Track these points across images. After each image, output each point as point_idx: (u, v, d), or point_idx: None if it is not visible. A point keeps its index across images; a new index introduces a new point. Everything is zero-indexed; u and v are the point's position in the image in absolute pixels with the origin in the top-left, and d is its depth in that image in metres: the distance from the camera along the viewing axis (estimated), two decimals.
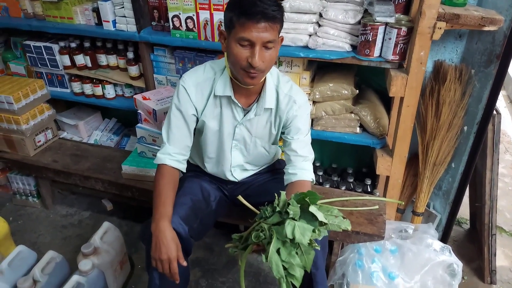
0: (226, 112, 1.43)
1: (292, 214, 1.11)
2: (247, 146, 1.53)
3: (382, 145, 1.91)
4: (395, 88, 1.64)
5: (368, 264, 1.75)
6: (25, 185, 2.36)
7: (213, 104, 1.42)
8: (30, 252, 1.73)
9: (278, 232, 1.11)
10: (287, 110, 1.43)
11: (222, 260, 2.05)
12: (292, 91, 1.43)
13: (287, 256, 1.09)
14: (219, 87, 1.38)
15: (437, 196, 2.10)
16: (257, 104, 1.41)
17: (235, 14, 1.18)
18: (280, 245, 1.10)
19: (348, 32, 1.72)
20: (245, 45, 1.21)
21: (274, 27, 1.20)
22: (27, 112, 2.13)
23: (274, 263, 1.09)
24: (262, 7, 1.15)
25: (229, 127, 1.45)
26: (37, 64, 2.31)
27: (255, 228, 1.20)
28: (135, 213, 2.34)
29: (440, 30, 1.48)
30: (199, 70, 1.42)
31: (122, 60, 2.21)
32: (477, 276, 2.00)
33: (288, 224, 1.09)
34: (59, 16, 2.13)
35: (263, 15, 1.15)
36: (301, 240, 1.07)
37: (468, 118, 1.80)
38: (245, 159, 1.58)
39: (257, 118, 1.45)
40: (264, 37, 1.18)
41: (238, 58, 1.23)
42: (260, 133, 1.50)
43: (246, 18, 1.16)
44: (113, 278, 1.78)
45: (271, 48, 1.23)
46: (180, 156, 1.44)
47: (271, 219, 1.16)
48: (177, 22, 1.88)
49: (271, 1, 1.17)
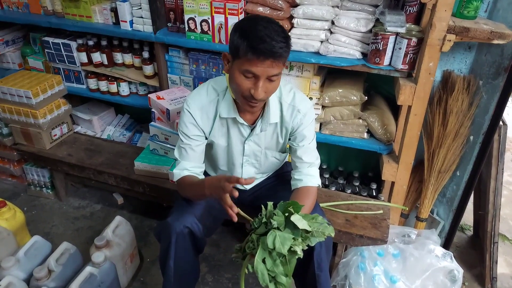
0: (233, 130, 1.45)
1: (275, 224, 1.15)
2: (258, 159, 1.56)
3: (388, 151, 1.95)
4: (403, 97, 1.68)
5: (371, 267, 1.79)
6: (39, 177, 2.43)
7: (219, 124, 1.44)
8: (45, 242, 1.80)
9: (263, 242, 1.15)
10: (292, 120, 1.44)
11: (228, 256, 2.11)
12: (295, 100, 1.42)
13: (272, 265, 1.13)
14: (223, 109, 1.39)
15: (441, 203, 2.14)
16: (261, 120, 1.42)
17: (242, 45, 1.15)
18: (266, 254, 1.14)
19: (359, 40, 1.76)
20: (249, 77, 1.20)
21: (280, 63, 1.19)
22: (45, 107, 2.20)
23: (259, 272, 1.13)
24: (270, 45, 1.13)
25: (237, 144, 1.48)
26: (55, 60, 2.37)
27: (249, 239, 1.25)
28: (145, 207, 2.41)
29: (449, 42, 1.51)
30: (202, 93, 1.42)
31: (137, 59, 2.26)
32: (478, 283, 2.03)
33: (270, 235, 1.13)
34: (78, 14, 2.20)
35: (271, 53, 1.14)
36: (281, 249, 1.11)
37: (474, 128, 1.83)
38: (257, 171, 1.62)
39: (264, 132, 1.46)
40: (269, 72, 1.18)
41: (240, 87, 1.22)
42: (268, 144, 1.52)
43: (253, 55, 1.14)
44: (123, 271, 1.84)
45: (275, 80, 1.23)
46: (197, 169, 1.47)
47: (259, 229, 1.20)
48: (193, 25, 1.93)
49: (279, 36, 1.15)
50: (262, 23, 1.17)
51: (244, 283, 1.29)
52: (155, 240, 1.51)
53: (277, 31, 1.16)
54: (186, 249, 1.39)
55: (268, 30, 1.14)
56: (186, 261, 1.41)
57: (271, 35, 1.13)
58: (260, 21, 1.18)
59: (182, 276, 1.43)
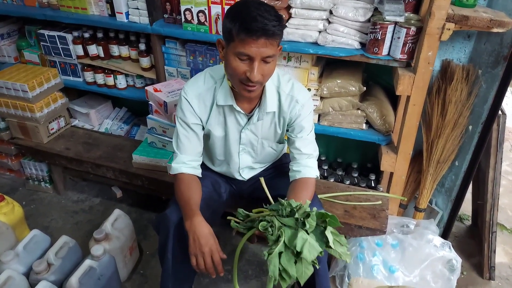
0: (230, 119, 1.44)
1: (307, 227, 1.13)
2: (254, 148, 1.55)
3: (387, 142, 1.95)
4: (402, 87, 1.67)
5: (369, 257, 1.80)
6: (37, 171, 2.43)
7: (216, 113, 1.43)
8: (44, 236, 1.80)
9: (288, 238, 1.12)
10: (290, 110, 1.43)
11: (227, 249, 2.11)
12: (294, 90, 1.42)
13: (286, 263, 1.11)
14: (220, 97, 1.38)
15: (440, 193, 2.14)
16: (259, 109, 1.41)
17: (234, 27, 1.15)
18: (283, 249, 1.12)
19: (357, 30, 1.74)
20: (244, 59, 1.19)
21: (274, 42, 1.18)
22: (41, 100, 2.18)
23: (272, 264, 1.11)
24: (262, 23, 1.13)
25: (234, 132, 1.47)
26: (51, 53, 2.35)
27: (265, 217, 1.22)
28: (143, 200, 2.41)
29: (448, 31, 1.50)
30: (199, 80, 1.42)
31: (134, 51, 2.25)
32: (476, 272, 2.04)
33: (301, 237, 1.10)
34: (73, 6, 2.17)
35: (263, 31, 1.13)
36: (307, 257, 1.09)
37: (473, 117, 1.82)
38: (254, 160, 1.61)
39: (261, 122, 1.45)
40: (263, 52, 1.17)
41: (236, 71, 1.22)
42: (265, 134, 1.51)
43: (246, 34, 1.14)
44: (123, 263, 1.85)
45: (270, 62, 1.22)
46: (194, 163, 1.46)
47: (286, 219, 1.17)
48: (189, 16, 1.91)
49: (271, 16, 1.15)
50: (254, 4, 1.17)
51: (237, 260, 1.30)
52: (155, 233, 1.51)
53: (269, 10, 1.17)
54: (184, 241, 1.39)
55: (260, 10, 1.14)
56: (185, 253, 1.41)
57: (263, 14, 1.14)
58: (251, 3, 1.18)
59: (180, 268, 1.43)
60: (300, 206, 1.20)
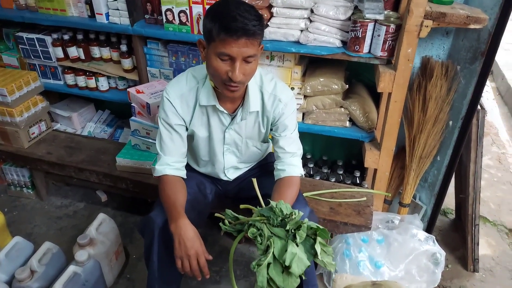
0: (213, 119, 1.43)
1: (298, 240, 1.13)
2: (239, 148, 1.55)
3: (370, 138, 1.97)
4: (383, 84, 1.69)
5: (355, 253, 1.82)
6: (19, 177, 2.38)
7: (199, 113, 1.42)
8: (27, 243, 1.76)
9: (277, 251, 1.12)
10: (273, 110, 1.43)
11: (215, 249, 2.11)
12: (277, 89, 1.42)
13: (275, 274, 1.11)
14: (203, 97, 1.37)
15: (423, 188, 2.17)
16: (242, 109, 1.41)
17: (214, 27, 1.15)
18: (272, 260, 1.11)
19: (338, 28, 1.76)
20: (225, 59, 1.19)
21: (255, 42, 1.18)
22: (21, 104, 2.14)
23: (261, 275, 1.10)
24: (242, 23, 1.12)
25: (218, 133, 1.47)
26: (30, 56, 2.31)
27: (255, 223, 1.20)
28: (129, 204, 2.38)
29: (427, 28, 1.52)
30: (181, 81, 1.41)
31: (115, 52, 2.22)
32: (460, 265, 2.08)
33: (290, 251, 1.10)
34: (51, 8, 2.13)
35: (244, 31, 1.13)
36: (295, 272, 1.09)
37: (453, 113, 1.86)
38: (239, 160, 1.61)
39: (244, 121, 1.45)
40: (244, 52, 1.17)
41: (218, 71, 1.21)
42: (249, 133, 1.51)
43: (226, 34, 1.13)
44: (108, 268, 1.82)
45: (252, 62, 1.22)
46: (178, 164, 1.45)
47: (276, 230, 1.16)
48: (170, 16, 1.90)
49: (251, 15, 1.15)
50: (233, 4, 1.17)
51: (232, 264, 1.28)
52: (141, 236, 1.49)
53: (249, 10, 1.16)
54: (169, 243, 1.38)
55: (240, 10, 1.14)
56: (170, 255, 1.40)
57: (243, 14, 1.13)
58: (230, 3, 1.17)
59: (166, 270, 1.42)
60: (291, 214, 1.18)
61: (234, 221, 1.27)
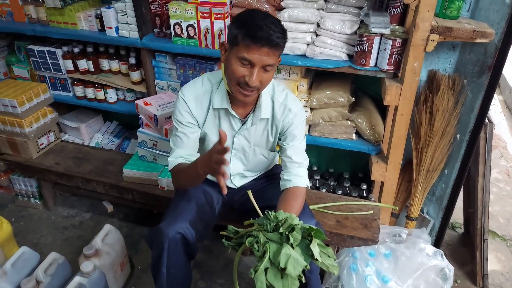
0: (224, 123, 1.47)
1: (292, 241, 1.13)
2: (246, 155, 1.57)
3: (377, 151, 1.96)
4: (390, 97, 1.69)
5: (362, 267, 1.79)
6: (27, 187, 2.40)
7: (212, 116, 1.46)
8: (33, 253, 1.77)
9: (272, 254, 1.12)
10: (283, 119, 1.47)
11: (220, 262, 2.09)
12: (287, 100, 1.47)
13: (273, 278, 1.11)
14: (216, 100, 1.42)
15: (431, 202, 2.15)
16: (253, 114, 1.46)
17: (240, 33, 1.21)
18: (269, 265, 1.11)
19: (344, 42, 1.77)
20: (245, 64, 1.25)
21: (276, 53, 1.25)
22: (31, 116, 2.17)
23: (259, 281, 1.10)
24: (267, 33, 1.19)
25: (228, 137, 1.48)
26: (41, 68, 2.35)
27: (252, 232, 1.21)
28: (135, 215, 2.38)
29: (433, 42, 1.53)
30: (197, 83, 1.46)
31: (124, 65, 2.25)
32: (469, 280, 2.04)
33: (284, 253, 1.10)
34: (62, 21, 2.18)
35: (268, 41, 1.20)
36: (291, 273, 1.09)
37: (460, 126, 1.85)
38: (245, 167, 1.62)
39: (254, 127, 1.49)
40: (264, 61, 1.23)
41: (236, 73, 1.27)
42: (258, 141, 1.54)
43: (251, 41, 1.20)
44: (113, 280, 1.82)
45: (269, 71, 1.28)
46: (191, 157, 1.47)
47: (271, 234, 1.17)
48: (179, 30, 1.93)
49: (277, 28, 1.22)
50: (261, 14, 1.25)
51: (236, 277, 1.27)
52: (146, 247, 1.50)
53: (275, 23, 1.23)
54: (178, 255, 1.38)
55: (267, 21, 1.21)
56: (179, 267, 1.40)
57: (269, 25, 1.20)
58: (258, 13, 1.26)
59: (174, 282, 1.41)
60: (285, 219, 1.18)
61: (235, 235, 1.28)
